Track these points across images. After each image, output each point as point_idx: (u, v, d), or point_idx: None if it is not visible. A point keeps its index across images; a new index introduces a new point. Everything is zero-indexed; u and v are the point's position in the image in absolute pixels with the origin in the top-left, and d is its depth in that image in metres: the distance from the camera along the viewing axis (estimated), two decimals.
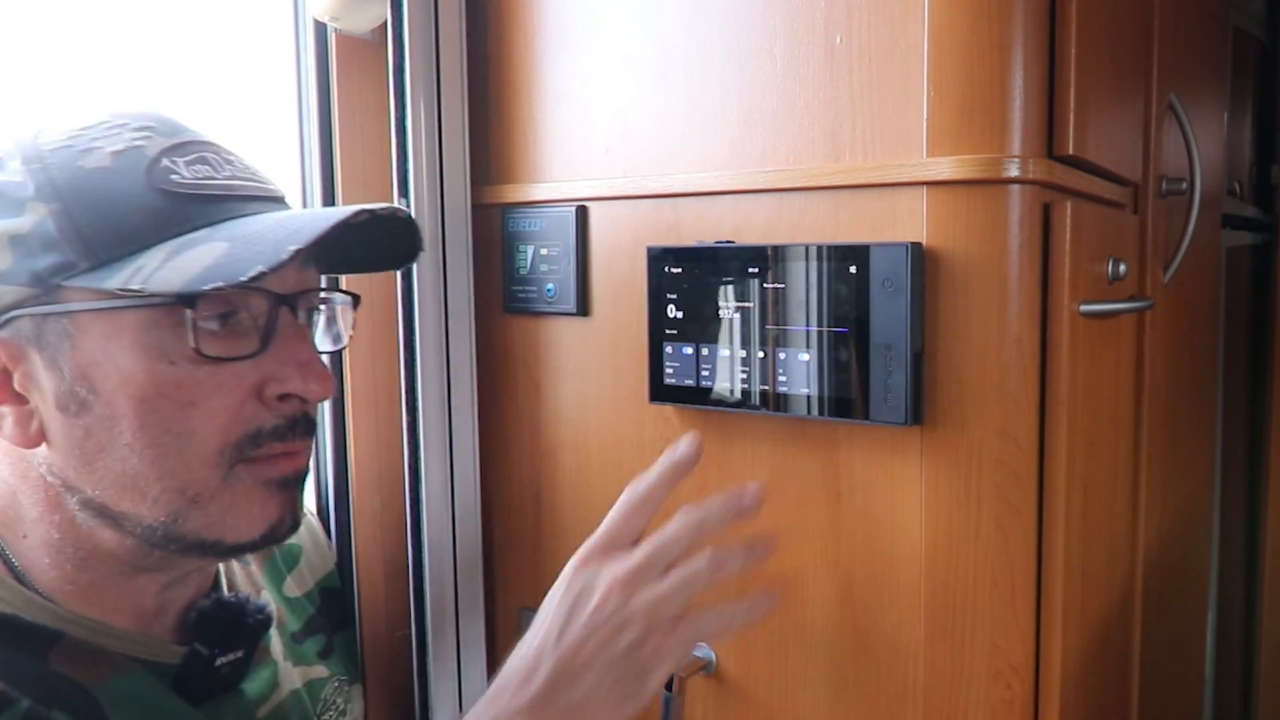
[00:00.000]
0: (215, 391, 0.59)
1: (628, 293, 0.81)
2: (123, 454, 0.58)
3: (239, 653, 0.68)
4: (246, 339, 0.60)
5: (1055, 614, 0.70)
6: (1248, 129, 1.68)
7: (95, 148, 0.59)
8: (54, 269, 0.56)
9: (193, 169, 0.61)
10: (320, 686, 0.80)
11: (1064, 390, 0.69)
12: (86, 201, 0.57)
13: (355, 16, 0.85)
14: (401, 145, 0.82)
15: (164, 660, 0.65)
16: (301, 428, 0.62)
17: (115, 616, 0.63)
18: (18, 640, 0.58)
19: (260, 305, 0.60)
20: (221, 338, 0.59)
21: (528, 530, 0.90)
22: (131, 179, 0.58)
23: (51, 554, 0.62)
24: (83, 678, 0.60)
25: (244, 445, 0.60)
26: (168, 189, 0.59)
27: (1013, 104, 0.66)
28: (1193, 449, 1.29)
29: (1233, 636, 1.74)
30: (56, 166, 0.58)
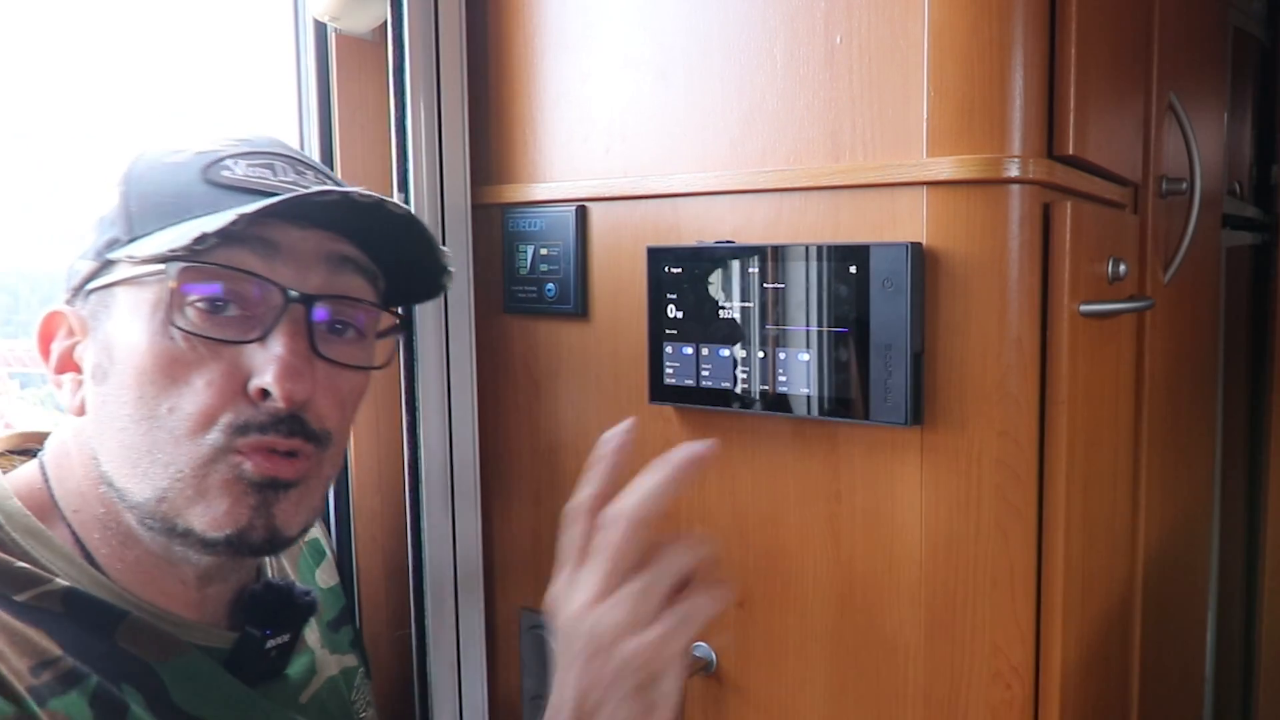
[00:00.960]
0: (205, 374, 0.59)
1: (628, 293, 0.81)
2: (124, 424, 0.60)
3: (286, 636, 0.69)
4: (250, 330, 0.61)
5: (1055, 614, 0.70)
6: (1248, 129, 1.68)
7: (185, 149, 0.64)
8: (108, 243, 0.62)
9: (250, 170, 0.63)
10: (353, 675, 0.82)
11: (1064, 390, 0.68)
12: (143, 185, 0.62)
13: (355, 16, 0.85)
14: (401, 145, 0.82)
15: (217, 645, 0.66)
16: (286, 427, 0.61)
17: (171, 603, 0.65)
18: (88, 615, 0.60)
19: (276, 299, 0.61)
20: (224, 323, 0.60)
21: (528, 530, 0.90)
22: (190, 171, 0.63)
23: (99, 529, 0.63)
24: (146, 654, 0.61)
25: (230, 432, 0.60)
26: (214, 180, 0.62)
27: (1013, 104, 0.66)
28: (1193, 449, 1.29)
29: (1233, 636, 1.74)
30: (143, 159, 0.64)
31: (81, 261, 0.63)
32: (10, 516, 0.62)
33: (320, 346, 0.63)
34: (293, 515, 0.63)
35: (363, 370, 0.68)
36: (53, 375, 0.65)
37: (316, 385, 0.62)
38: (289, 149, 0.68)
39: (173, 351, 0.59)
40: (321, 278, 0.63)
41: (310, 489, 0.64)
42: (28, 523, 0.62)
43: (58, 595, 0.59)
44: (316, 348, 0.62)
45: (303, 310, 0.62)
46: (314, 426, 0.63)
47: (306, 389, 0.61)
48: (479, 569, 0.89)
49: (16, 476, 0.66)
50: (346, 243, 0.65)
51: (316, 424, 0.63)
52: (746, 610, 0.77)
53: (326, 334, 0.64)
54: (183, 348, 0.59)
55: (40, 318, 0.66)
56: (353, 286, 0.65)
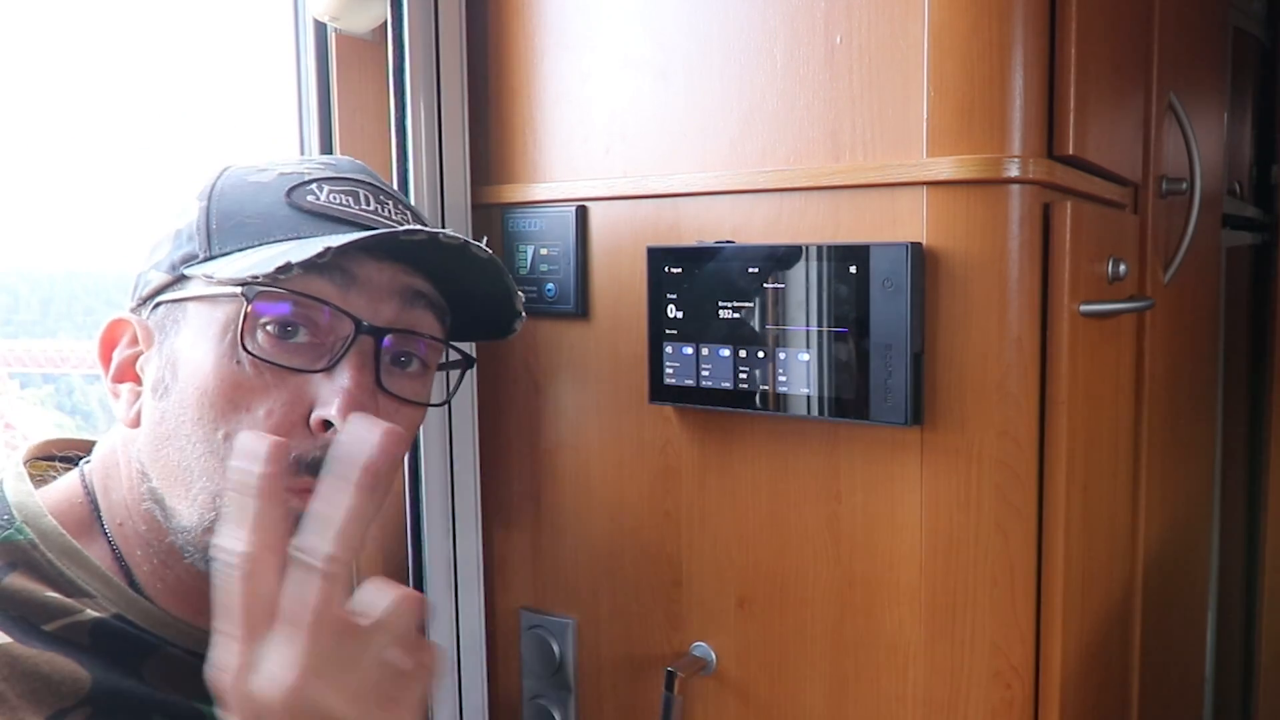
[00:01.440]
0: (266, 402, 0.58)
1: (628, 293, 0.81)
2: (181, 444, 0.59)
3: None
4: (319, 358, 0.60)
5: (1055, 614, 0.70)
6: (1248, 129, 1.68)
7: (272, 169, 0.64)
8: (184, 258, 0.61)
9: (334, 196, 0.63)
10: None
11: (1064, 390, 0.68)
12: (226, 203, 0.62)
13: (355, 16, 0.85)
14: (401, 145, 0.82)
15: None
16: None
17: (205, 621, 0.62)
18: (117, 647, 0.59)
19: (345, 329, 0.60)
20: (293, 351, 0.59)
21: (528, 530, 0.90)
22: (273, 193, 0.62)
23: (141, 545, 0.63)
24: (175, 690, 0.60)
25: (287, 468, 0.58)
26: (298, 205, 0.62)
27: (1013, 104, 0.66)
28: (1193, 449, 1.29)
29: (1233, 636, 1.74)
30: (228, 176, 0.64)
31: (154, 272, 0.62)
32: (45, 535, 0.60)
33: (384, 380, 0.62)
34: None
35: (422, 406, 0.66)
36: (110, 384, 0.64)
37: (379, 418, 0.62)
38: (373, 176, 0.68)
39: (237, 375, 0.58)
40: (394, 311, 0.62)
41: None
42: (63, 542, 0.60)
43: (85, 628, 0.58)
44: (380, 381, 0.62)
45: (372, 343, 0.61)
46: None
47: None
48: (479, 569, 0.89)
49: (54, 490, 0.64)
50: (420, 277, 0.64)
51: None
52: (746, 610, 0.77)
53: (391, 367, 0.64)
54: (248, 373, 0.58)
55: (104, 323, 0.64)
56: (423, 321, 0.65)
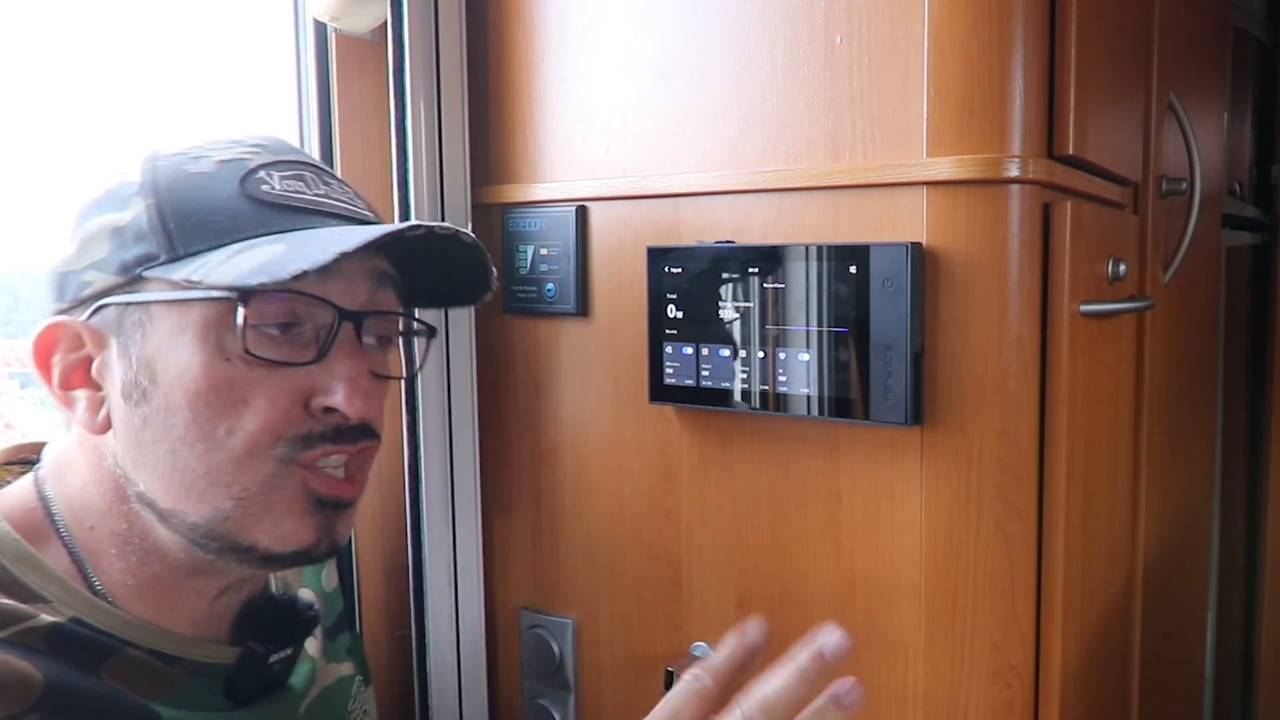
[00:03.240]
0: (265, 393, 0.59)
1: (628, 293, 0.81)
2: (175, 447, 0.59)
3: (289, 650, 0.69)
4: (305, 348, 0.61)
5: (1055, 614, 0.70)
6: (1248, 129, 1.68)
7: (206, 156, 0.63)
8: (139, 259, 0.60)
9: (286, 183, 0.63)
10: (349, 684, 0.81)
11: (1064, 390, 0.68)
12: (178, 200, 0.61)
13: (355, 16, 0.85)
14: (401, 145, 0.82)
15: (219, 660, 0.65)
16: (350, 436, 0.62)
17: (171, 618, 0.64)
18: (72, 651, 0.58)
19: (324, 318, 0.61)
20: (279, 343, 0.60)
21: (528, 530, 0.90)
22: (227, 185, 0.62)
23: (118, 546, 0.62)
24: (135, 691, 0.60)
25: (295, 445, 0.60)
26: (256, 196, 0.61)
27: (1013, 104, 0.66)
28: (1193, 449, 1.29)
29: (1233, 636, 1.74)
30: (164, 169, 0.62)
31: (94, 274, 0.61)
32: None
33: (374, 364, 0.64)
34: (347, 529, 0.65)
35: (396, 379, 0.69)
36: (59, 391, 0.63)
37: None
38: (303, 154, 0.68)
39: (230, 374, 0.59)
40: (365, 294, 0.64)
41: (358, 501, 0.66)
42: (18, 548, 0.60)
43: (40, 633, 0.57)
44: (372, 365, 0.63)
45: (353, 328, 0.62)
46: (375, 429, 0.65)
47: (376, 407, 0.63)
48: (479, 569, 0.89)
49: (7, 495, 0.64)
50: (382, 257, 0.66)
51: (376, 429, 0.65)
52: (746, 610, 0.77)
53: (377, 348, 0.66)
54: (240, 369, 0.59)
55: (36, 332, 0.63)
56: (388, 300, 0.66)
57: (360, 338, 0.63)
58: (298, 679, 0.72)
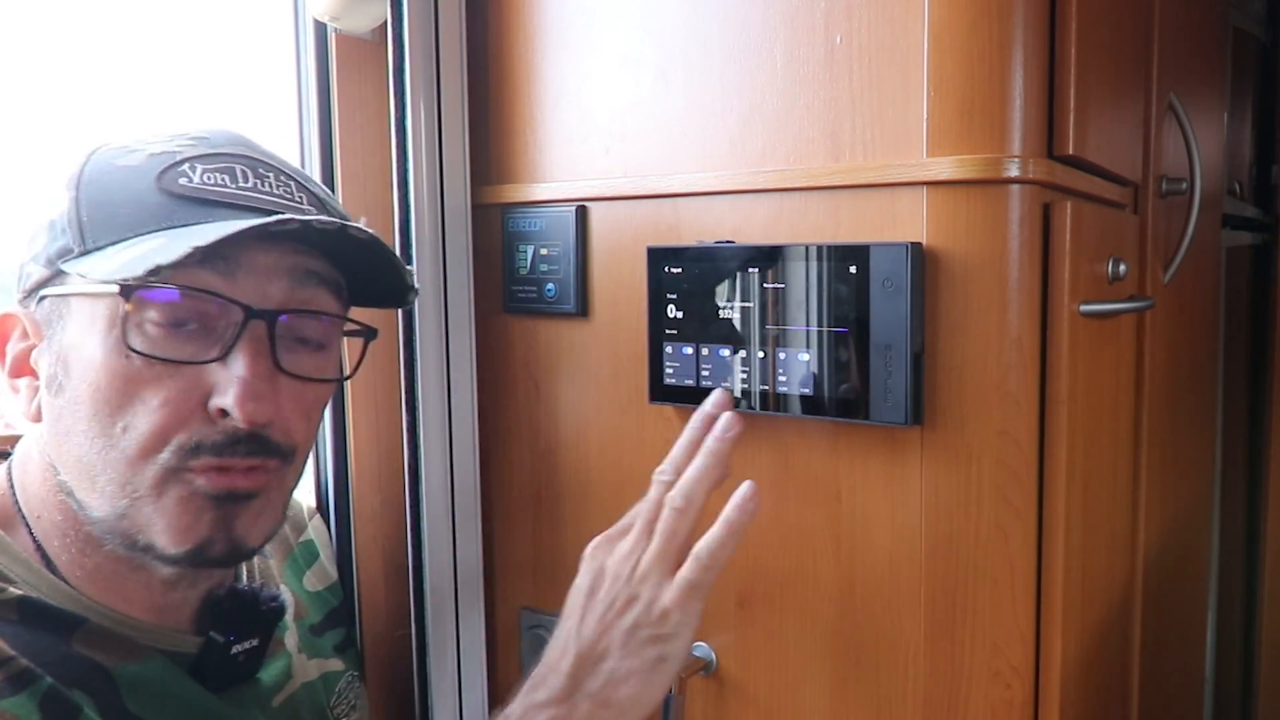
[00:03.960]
0: (161, 393, 0.58)
1: (628, 293, 0.81)
2: (80, 440, 0.59)
3: (254, 641, 0.69)
4: (210, 347, 0.59)
5: (1055, 614, 0.70)
6: (1248, 129, 1.68)
7: (141, 150, 0.62)
8: (59, 252, 0.60)
9: (209, 176, 0.61)
10: (335, 679, 0.81)
11: (1064, 390, 0.68)
12: (96, 192, 0.60)
13: (355, 16, 0.85)
14: (401, 145, 0.82)
15: (182, 650, 0.66)
16: (245, 447, 0.60)
17: (132, 608, 0.64)
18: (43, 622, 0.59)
19: (235, 315, 0.59)
20: (183, 340, 0.59)
21: (528, 530, 0.90)
22: (145, 178, 0.60)
23: (59, 535, 0.62)
24: (104, 659, 0.61)
25: (182, 453, 0.58)
26: (171, 190, 0.60)
27: (1013, 104, 0.66)
28: (1193, 449, 1.29)
29: (1233, 636, 1.74)
30: (95, 161, 0.62)
31: (33, 265, 0.61)
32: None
33: (284, 362, 0.61)
34: (253, 526, 0.63)
35: (330, 382, 0.67)
36: (8, 379, 0.64)
37: (280, 402, 0.61)
38: (250, 147, 0.66)
39: (128, 370, 0.58)
40: (284, 291, 0.61)
41: (271, 500, 0.64)
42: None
43: (12, 604, 0.58)
44: (280, 364, 0.61)
45: (265, 327, 0.60)
46: (278, 442, 0.62)
47: (269, 410, 0.60)
48: (479, 569, 0.89)
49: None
50: (309, 255, 0.63)
51: (282, 439, 0.62)
52: (746, 610, 0.77)
53: (293, 346, 0.63)
54: (139, 366, 0.58)
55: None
56: (316, 298, 0.64)
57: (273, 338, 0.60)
58: (270, 674, 0.72)
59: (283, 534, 0.84)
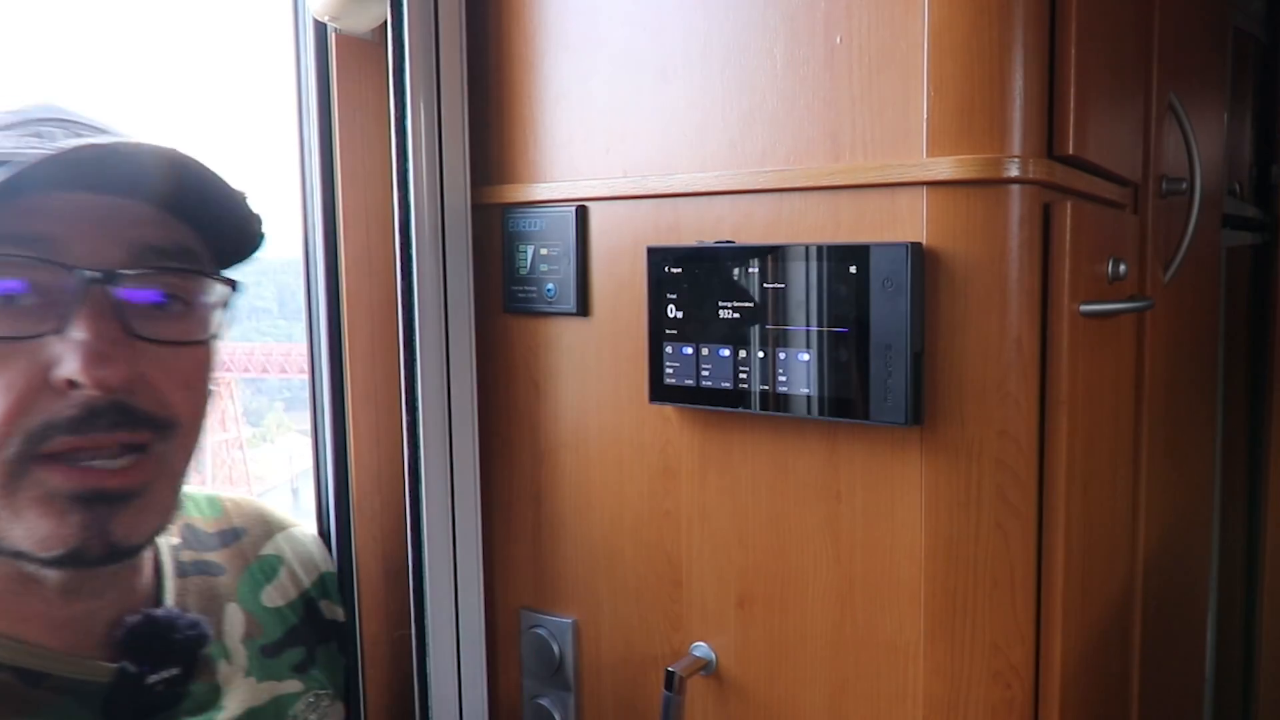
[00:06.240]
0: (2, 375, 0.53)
1: (628, 293, 0.81)
2: None
3: (174, 670, 0.64)
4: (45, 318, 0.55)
5: (1055, 614, 0.70)
6: (1248, 129, 1.68)
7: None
8: None
9: (15, 140, 0.57)
10: (290, 703, 0.76)
11: (1064, 390, 0.68)
12: None
13: (355, 16, 0.85)
14: (401, 145, 0.82)
15: (93, 679, 0.61)
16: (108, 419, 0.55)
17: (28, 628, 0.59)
18: None
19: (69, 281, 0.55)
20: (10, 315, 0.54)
21: (528, 530, 0.90)
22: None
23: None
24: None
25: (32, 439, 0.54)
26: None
27: (1013, 104, 0.66)
28: (1193, 449, 1.29)
29: (1233, 636, 1.74)
30: None
31: None
32: None
33: (138, 326, 0.57)
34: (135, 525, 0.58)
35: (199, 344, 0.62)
36: None
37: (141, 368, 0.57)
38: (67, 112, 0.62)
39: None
40: (126, 253, 0.57)
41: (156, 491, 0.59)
42: None
43: None
44: (133, 328, 0.57)
45: (105, 290, 0.56)
46: (150, 411, 0.57)
47: (121, 371, 0.55)
48: (479, 569, 0.89)
49: None
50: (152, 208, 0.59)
51: (156, 409, 0.58)
52: (746, 610, 0.77)
53: (147, 311, 0.59)
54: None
55: None
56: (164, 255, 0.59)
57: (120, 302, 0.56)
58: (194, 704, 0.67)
59: (240, 547, 0.80)
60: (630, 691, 0.85)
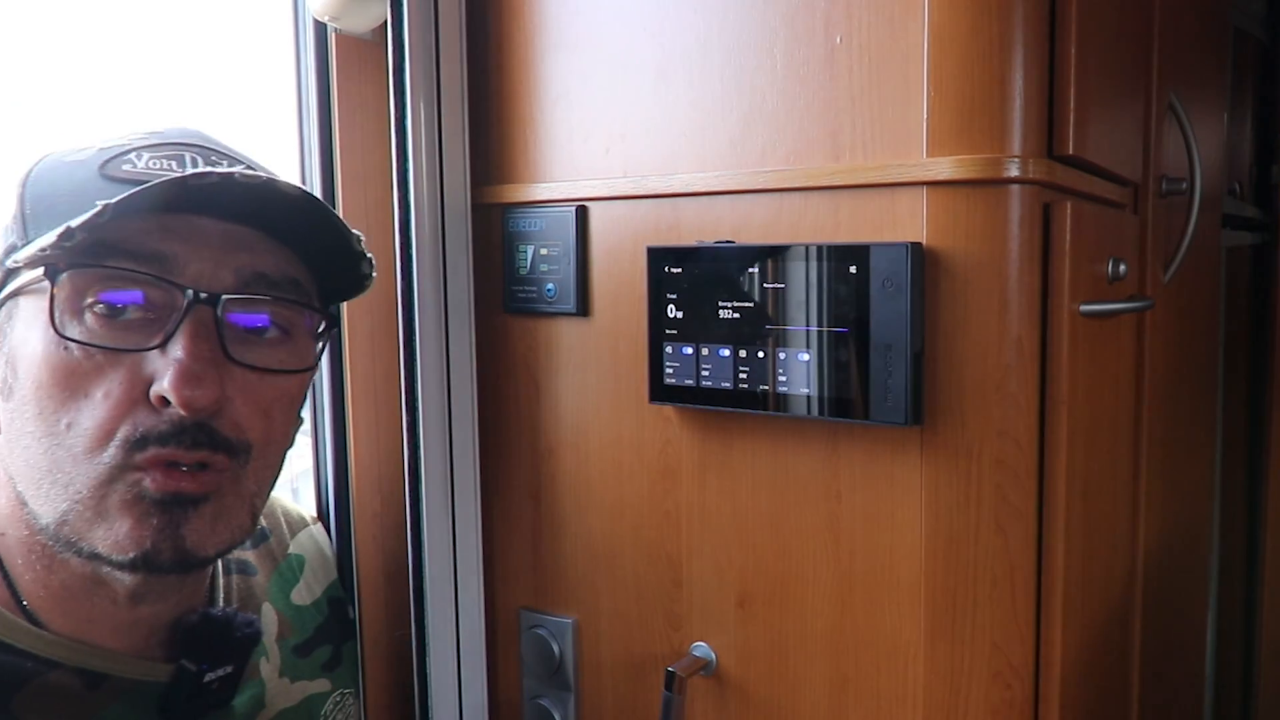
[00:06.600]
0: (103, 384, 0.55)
1: (628, 293, 0.81)
2: (28, 442, 0.56)
3: (229, 668, 0.65)
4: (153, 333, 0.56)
5: (1055, 614, 0.70)
6: (1248, 129, 1.68)
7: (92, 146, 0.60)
8: (6, 250, 0.58)
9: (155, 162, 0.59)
10: (320, 702, 0.78)
11: (1064, 390, 0.68)
12: (39, 186, 0.58)
13: (355, 16, 0.85)
14: (401, 145, 0.82)
15: (151, 679, 0.62)
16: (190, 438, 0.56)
17: (93, 630, 0.61)
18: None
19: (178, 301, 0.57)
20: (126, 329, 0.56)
21: (527, 530, 0.90)
22: (88, 168, 0.58)
23: (23, 554, 0.59)
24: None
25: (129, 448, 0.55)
26: (113, 175, 0.58)
27: (1013, 104, 0.66)
28: (1193, 449, 1.29)
29: (1233, 636, 1.74)
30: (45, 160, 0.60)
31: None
32: None
33: (234, 350, 0.58)
34: (207, 534, 0.58)
35: (291, 374, 0.63)
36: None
37: (228, 391, 0.58)
38: (208, 139, 0.63)
39: (68, 363, 0.55)
40: (235, 277, 0.59)
41: (226, 504, 0.59)
42: None
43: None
44: (228, 351, 0.58)
45: (210, 311, 0.57)
46: (227, 435, 0.58)
47: (209, 395, 0.56)
48: (479, 569, 0.89)
49: None
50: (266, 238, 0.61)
51: (232, 433, 0.59)
52: (746, 610, 0.77)
53: (246, 336, 0.60)
54: (78, 358, 0.55)
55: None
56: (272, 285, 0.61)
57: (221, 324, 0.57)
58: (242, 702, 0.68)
59: (269, 547, 0.81)
60: (630, 691, 0.85)
